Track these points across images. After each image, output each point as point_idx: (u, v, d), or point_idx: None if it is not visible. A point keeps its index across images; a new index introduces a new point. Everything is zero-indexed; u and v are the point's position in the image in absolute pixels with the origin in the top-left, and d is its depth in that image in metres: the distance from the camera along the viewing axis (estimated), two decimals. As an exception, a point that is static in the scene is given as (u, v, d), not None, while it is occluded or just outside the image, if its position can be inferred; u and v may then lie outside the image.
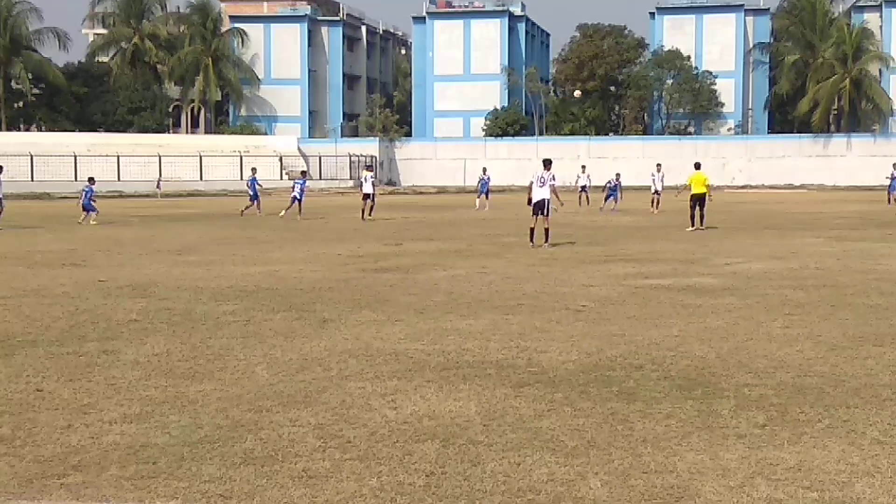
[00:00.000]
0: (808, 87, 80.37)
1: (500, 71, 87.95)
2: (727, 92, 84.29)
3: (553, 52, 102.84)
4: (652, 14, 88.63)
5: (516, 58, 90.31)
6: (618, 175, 44.67)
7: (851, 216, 36.81)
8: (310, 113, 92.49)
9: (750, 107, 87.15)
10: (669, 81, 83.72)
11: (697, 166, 32.18)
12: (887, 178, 48.61)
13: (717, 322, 12.76)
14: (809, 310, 13.74)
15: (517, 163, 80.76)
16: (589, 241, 26.03)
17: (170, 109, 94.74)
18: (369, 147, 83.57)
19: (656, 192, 41.68)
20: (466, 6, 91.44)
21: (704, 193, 30.66)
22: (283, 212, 38.33)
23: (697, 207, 30.45)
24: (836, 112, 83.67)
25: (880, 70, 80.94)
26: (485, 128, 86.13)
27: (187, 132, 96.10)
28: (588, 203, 46.51)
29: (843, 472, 6.80)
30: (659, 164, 43.70)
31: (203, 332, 12.23)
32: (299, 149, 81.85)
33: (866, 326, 12.34)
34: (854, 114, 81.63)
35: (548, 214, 24.15)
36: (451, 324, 12.74)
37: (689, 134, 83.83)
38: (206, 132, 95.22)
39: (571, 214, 40.21)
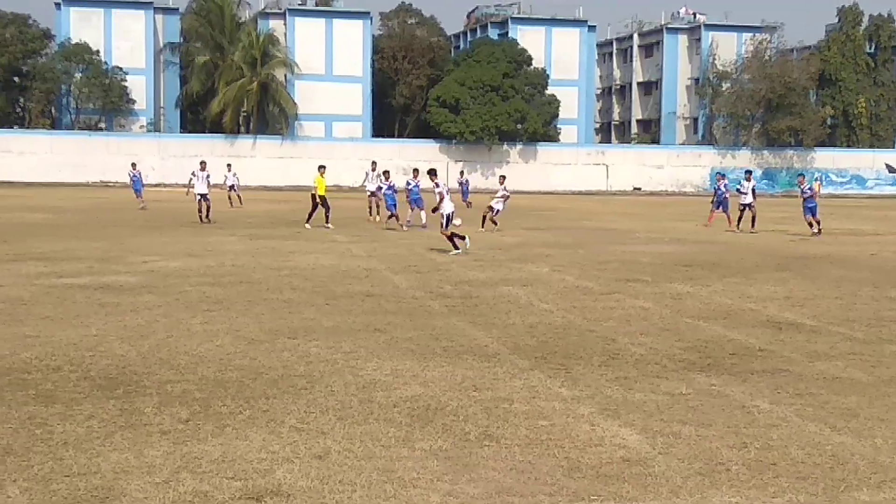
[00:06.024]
0: (219, 89, 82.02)
1: None
2: (139, 89, 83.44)
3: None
4: (58, 5, 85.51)
5: None
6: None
7: (261, 215, 38.19)
8: None
9: (162, 105, 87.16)
10: (78, 76, 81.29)
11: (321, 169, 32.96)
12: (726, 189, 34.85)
13: (137, 320, 12.66)
14: (228, 305, 14.09)
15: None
16: (-4, 240, 24.63)
17: None
18: None
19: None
20: None
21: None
22: None
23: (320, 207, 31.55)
24: (245, 114, 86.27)
25: (286, 76, 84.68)
26: None
27: None
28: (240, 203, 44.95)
29: (264, 459, 7.06)
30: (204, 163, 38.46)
31: None
32: None
33: (281, 320, 12.91)
34: (262, 116, 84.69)
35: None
36: None
37: (101, 130, 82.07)
38: None
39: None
